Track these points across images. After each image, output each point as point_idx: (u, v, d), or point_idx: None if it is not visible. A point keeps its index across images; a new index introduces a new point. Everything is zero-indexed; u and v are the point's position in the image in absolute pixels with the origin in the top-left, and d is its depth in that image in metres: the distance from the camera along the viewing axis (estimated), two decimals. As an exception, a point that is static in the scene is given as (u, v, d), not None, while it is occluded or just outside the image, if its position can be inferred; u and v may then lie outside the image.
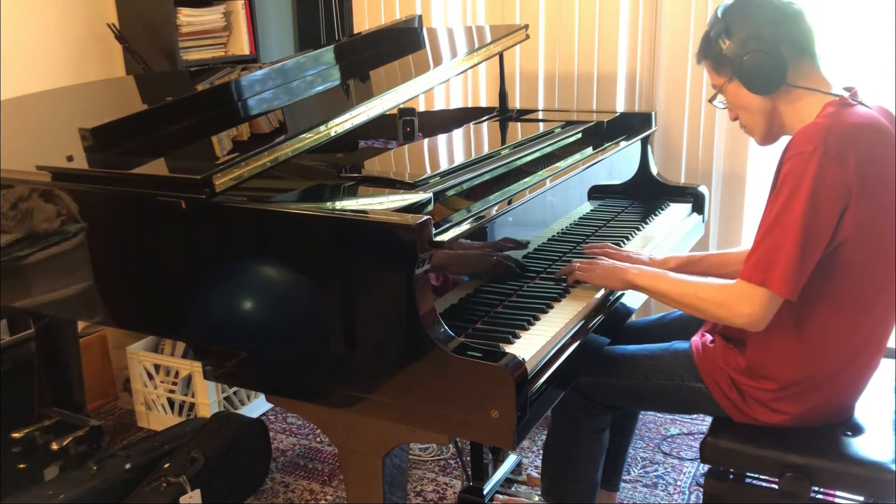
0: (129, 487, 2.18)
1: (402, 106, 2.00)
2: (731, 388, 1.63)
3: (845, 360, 1.56)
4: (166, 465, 2.19)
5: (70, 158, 1.81)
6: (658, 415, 2.82)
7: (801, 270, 1.43)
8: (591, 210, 2.27)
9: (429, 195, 1.55)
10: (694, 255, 1.96)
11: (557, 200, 2.03)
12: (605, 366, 1.77)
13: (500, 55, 2.43)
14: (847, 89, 1.55)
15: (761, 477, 1.66)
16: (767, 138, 1.64)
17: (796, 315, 1.52)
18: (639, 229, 2.19)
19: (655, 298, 1.69)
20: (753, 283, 1.46)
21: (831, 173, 1.40)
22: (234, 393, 2.85)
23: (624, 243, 2.05)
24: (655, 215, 2.32)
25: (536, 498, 2.12)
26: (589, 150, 2.20)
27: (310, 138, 1.67)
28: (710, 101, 1.67)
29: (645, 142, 2.47)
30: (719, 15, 1.57)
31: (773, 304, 1.46)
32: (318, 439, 2.77)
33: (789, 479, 1.53)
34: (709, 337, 1.73)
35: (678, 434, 2.70)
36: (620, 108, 2.98)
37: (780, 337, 1.56)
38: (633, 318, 1.99)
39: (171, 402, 2.83)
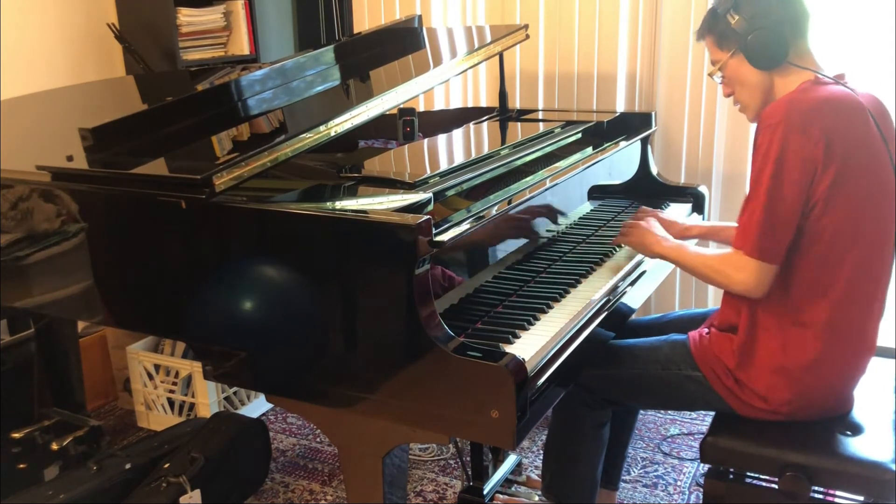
0: (129, 487, 2.17)
1: (402, 106, 2.00)
2: (727, 375, 1.66)
3: (827, 340, 1.58)
4: (166, 465, 2.19)
5: (70, 158, 1.81)
6: (658, 414, 2.82)
7: (773, 236, 1.52)
8: (591, 210, 2.27)
9: (429, 195, 1.55)
10: (716, 224, 2.24)
11: (557, 200, 2.03)
12: (604, 358, 1.79)
13: (500, 55, 2.43)
14: (837, 75, 1.61)
15: (761, 476, 1.67)
16: (759, 116, 1.67)
17: (777, 292, 1.58)
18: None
19: (679, 268, 1.83)
20: (742, 252, 1.56)
21: (795, 144, 1.48)
22: (234, 393, 2.85)
23: (623, 244, 2.05)
24: (655, 215, 2.32)
25: (536, 498, 2.12)
26: (589, 150, 2.20)
27: (310, 138, 1.67)
28: (710, 75, 1.74)
29: (645, 142, 2.47)
30: None
31: (762, 271, 1.54)
32: (318, 439, 2.77)
33: (789, 479, 1.53)
34: (705, 329, 1.77)
35: (678, 434, 2.70)
36: (620, 108, 2.98)
37: (763, 315, 1.61)
38: (634, 316, 1.99)
39: (171, 402, 2.83)
